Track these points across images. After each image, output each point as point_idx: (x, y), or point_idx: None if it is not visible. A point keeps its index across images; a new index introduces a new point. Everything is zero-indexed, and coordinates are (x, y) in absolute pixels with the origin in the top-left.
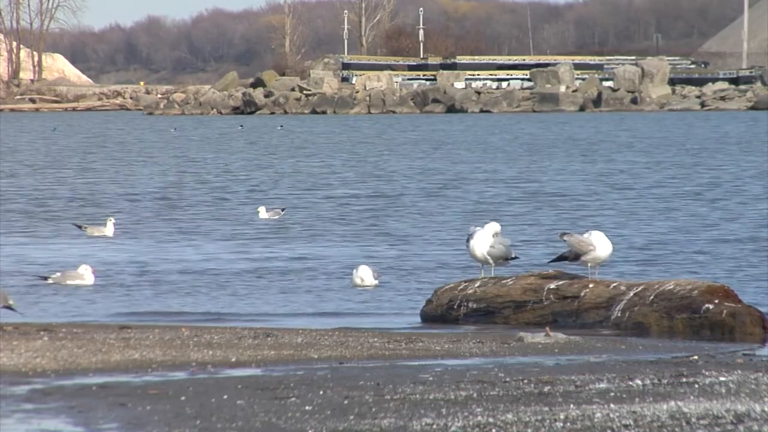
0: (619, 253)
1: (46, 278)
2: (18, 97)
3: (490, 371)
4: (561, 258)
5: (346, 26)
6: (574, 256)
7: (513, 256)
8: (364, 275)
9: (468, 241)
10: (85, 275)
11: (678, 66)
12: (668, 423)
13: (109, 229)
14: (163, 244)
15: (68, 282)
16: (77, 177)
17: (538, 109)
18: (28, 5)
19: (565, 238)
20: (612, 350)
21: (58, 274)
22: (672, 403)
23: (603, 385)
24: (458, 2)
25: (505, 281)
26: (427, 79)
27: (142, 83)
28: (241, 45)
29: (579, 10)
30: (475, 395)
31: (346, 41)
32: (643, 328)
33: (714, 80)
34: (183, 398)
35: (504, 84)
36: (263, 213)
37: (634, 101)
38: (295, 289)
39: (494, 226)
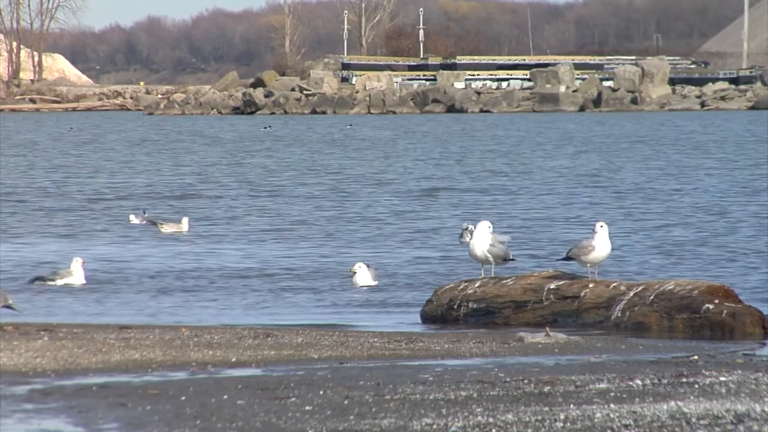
0: (619, 253)
1: (42, 278)
2: (18, 97)
3: (490, 371)
4: (567, 258)
5: (346, 26)
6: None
7: (511, 257)
8: (364, 275)
9: (461, 237)
10: (77, 272)
11: (678, 66)
12: (668, 423)
13: (184, 226)
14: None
15: (65, 280)
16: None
17: (538, 109)
18: (28, 5)
19: (571, 254)
20: (612, 350)
21: (54, 273)
22: (672, 403)
23: (603, 385)
24: (458, 2)
25: (505, 281)
26: (427, 79)
27: (142, 83)
28: (241, 45)
29: (579, 10)
30: (475, 395)
31: (346, 41)
32: (643, 328)
33: (714, 80)
34: (183, 398)
35: (504, 84)
36: (133, 219)
37: (634, 101)
38: (295, 288)
39: (486, 225)
